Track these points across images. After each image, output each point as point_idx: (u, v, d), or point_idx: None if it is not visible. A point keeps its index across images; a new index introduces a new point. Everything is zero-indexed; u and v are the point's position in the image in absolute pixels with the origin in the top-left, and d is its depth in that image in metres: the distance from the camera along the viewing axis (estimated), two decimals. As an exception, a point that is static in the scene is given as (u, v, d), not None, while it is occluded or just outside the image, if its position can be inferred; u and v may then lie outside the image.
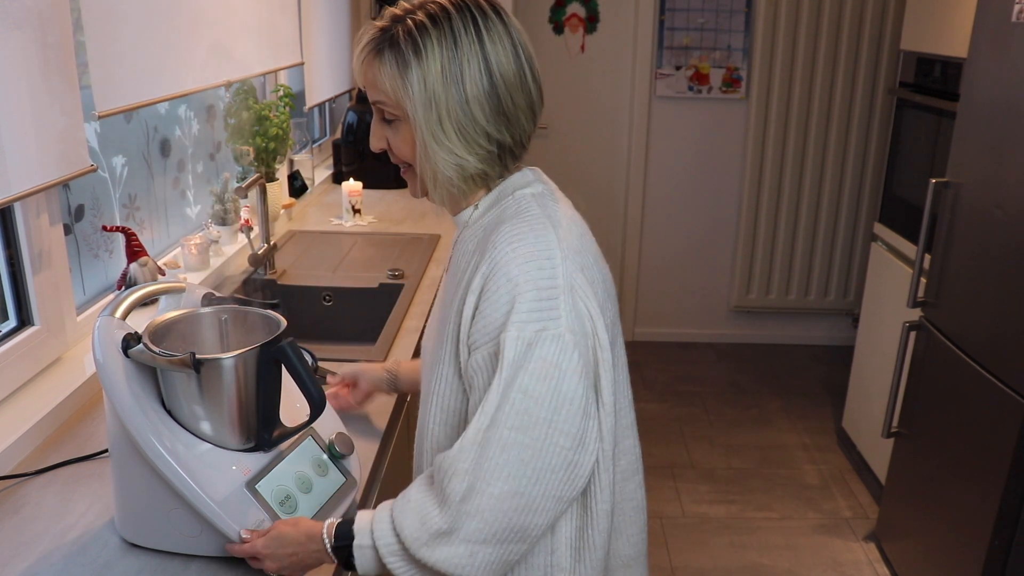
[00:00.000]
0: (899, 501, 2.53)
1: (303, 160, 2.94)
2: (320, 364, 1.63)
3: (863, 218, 3.96)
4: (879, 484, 2.83)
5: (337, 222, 2.70)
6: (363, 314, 2.10)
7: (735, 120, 3.89)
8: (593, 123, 4.01)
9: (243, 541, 1.02)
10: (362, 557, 0.97)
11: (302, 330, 2.11)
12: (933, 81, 2.73)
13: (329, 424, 1.21)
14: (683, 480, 3.05)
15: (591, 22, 3.89)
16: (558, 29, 3.90)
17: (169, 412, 1.05)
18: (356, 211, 2.68)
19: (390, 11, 1.02)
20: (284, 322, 1.11)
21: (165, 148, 2.00)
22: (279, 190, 2.53)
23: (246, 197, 2.07)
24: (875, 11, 3.66)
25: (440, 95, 0.97)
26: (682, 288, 4.15)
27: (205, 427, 1.06)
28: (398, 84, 0.98)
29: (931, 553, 2.30)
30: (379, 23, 1.01)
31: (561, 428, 0.91)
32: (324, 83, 2.90)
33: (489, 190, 1.06)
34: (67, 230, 1.58)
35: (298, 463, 1.12)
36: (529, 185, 1.05)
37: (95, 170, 1.46)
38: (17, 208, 1.40)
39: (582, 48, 3.91)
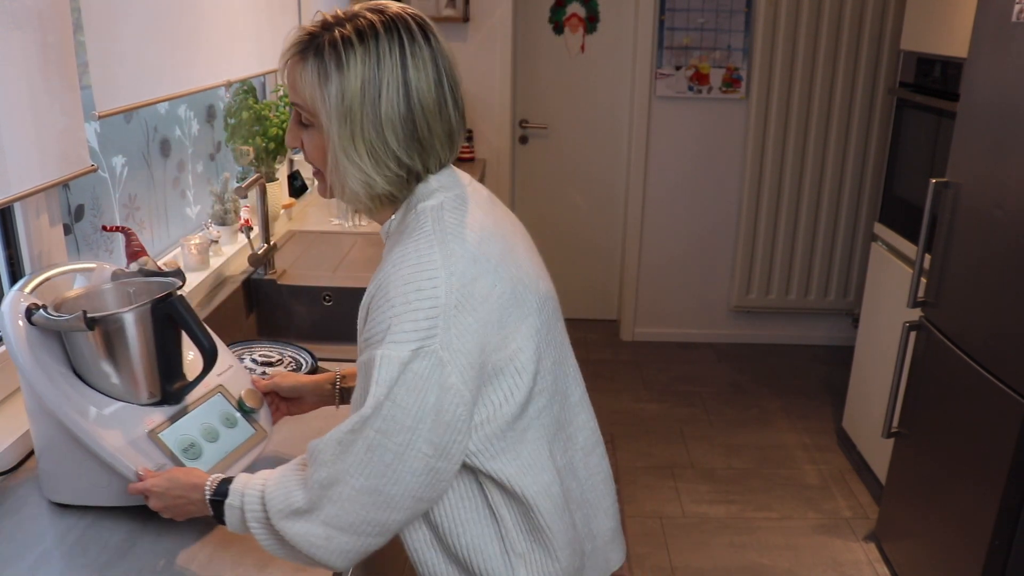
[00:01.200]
0: (899, 501, 2.53)
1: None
2: (320, 364, 1.63)
3: (863, 218, 3.96)
4: (879, 484, 2.83)
5: (337, 222, 2.70)
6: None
7: (735, 120, 3.89)
8: (593, 123, 4.01)
9: (139, 479, 1.10)
10: (231, 516, 1.02)
11: (302, 330, 2.12)
12: (933, 81, 2.73)
13: (239, 381, 1.31)
14: (683, 480, 3.05)
15: (591, 22, 3.89)
16: (558, 29, 3.90)
17: (80, 375, 1.16)
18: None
19: (322, 16, 1.01)
20: (179, 283, 1.22)
21: (165, 148, 2.00)
22: (279, 190, 2.53)
23: (246, 197, 2.07)
24: (875, 11, 3.66)
25: (356, 112, 0.96)
26: (682, 288, 4.15)
27: (112, 385, 1.16)
28: (316, 93, 0.97)
29: (931, 553, 2.30)
30: (309, 27, 1.00)
31: (425, 437, 0.94)
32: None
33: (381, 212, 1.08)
34: (67, 230, 1.57)
35: (206, 416, 1.22)
36: (431, 196, 1.04)
37: (95, 170, 1.46)
38: (17, 208, 1.40)
39: (582, 48, 3.91)
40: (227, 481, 1.05)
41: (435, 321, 0.94)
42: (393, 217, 1.07)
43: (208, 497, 1.04)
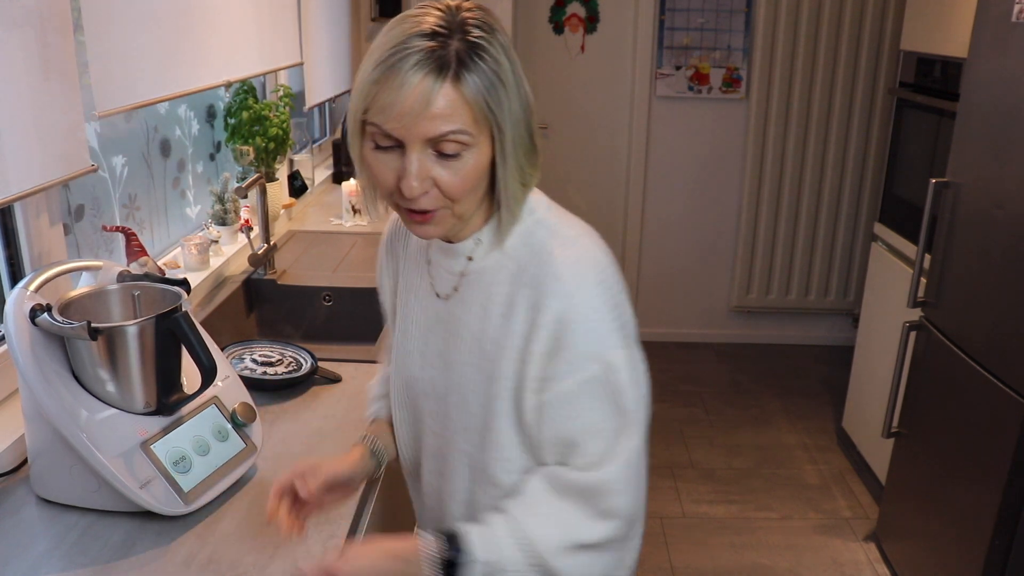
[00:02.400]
0: (899, 501, 2.53)
1: (303, 160, 2.94)
2: (320, 364, 1.63)
3: (863, 218, 3.96)
4: (879, 484, 2.82)
5: (337, 222, 2.70)
6: (363, 314, 2.10)
7: (735, 120, 3.89)
8: (593, 123, 4.01)
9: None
10: (471, 573, 0.92)
11: (302, 330, 2.12)
12: (933, 81, 2.73)
13: (234, 393, 1.31)
14: (683, 480, 3.05)
15: (591, 22, 3.88)
16: (558, 29, 3.90)
17: (78, 379, 1.15)
18: (356, 211, 2.68)
19: (408, 31, 0.88)
20: (184, 295, 1.22)
21: (165, 148, 2.00)
22: (279, 190, 2.53)
23: (246, 197, 2.07)
24: (875, 11, 3.66)
25: (518, 109, 0.93)
26: (682, 288, 4.15)
27: (109, 392, 1.16)
28: (484, 106, 0.89)
29: (931, 553, 2.30)
30: (424, 44, 0.87)
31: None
32: (324, 83, 2.90)
33: (483, 216, 1.00)
34: (67, 230, 1.57)
35: (198, 428, 1.23)
36: (539, 203, 1.02)
37: (95, 170, 1.46)
38: (17, 208, 1.40)
39: (582, 48, 3.91)
40: (451, 540, 0.93)
41: (623, 308, 0.98)
42: (480, 234, 1.01)
43: (441, 559, 0.92)
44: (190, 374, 1.24)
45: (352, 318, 2.11)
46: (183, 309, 1.19)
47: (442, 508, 1.11)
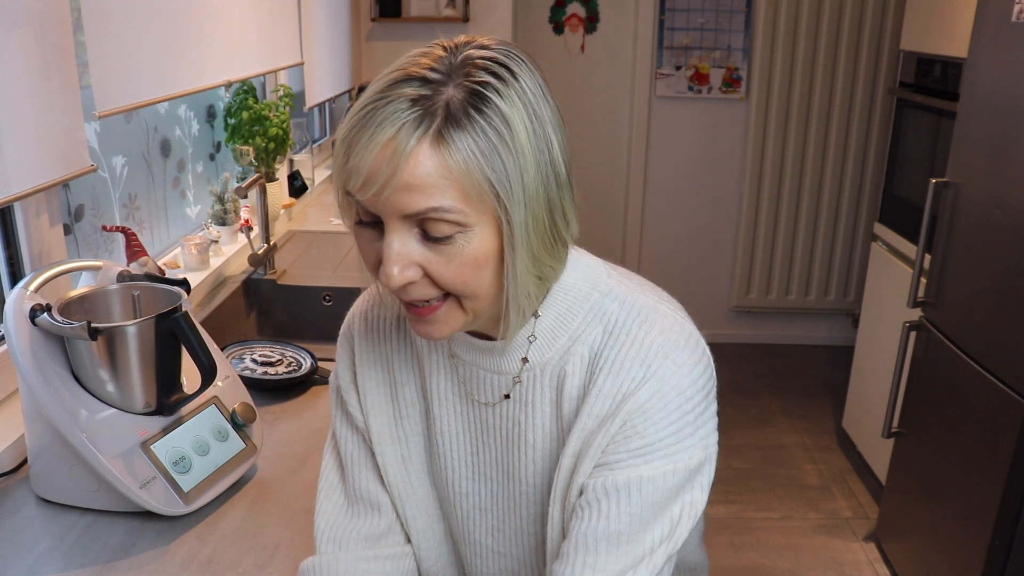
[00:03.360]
0: (899, 501, 2.53)
1: (303, 160, 2.94)
2: (320, 364, 1.63)
3: (863, 218, 3.96)
4: (879, 484, 2.82)
5: (337, 222, 2.70)
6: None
7: (735, 120, 3.89)
8: (593, 123, 4.01)
9: None
10: None
11: (302, 330, 2.12)
12: (933, 81, 2.73)
13: (234, 393, 1.31)
14: (683, 480, 3.04)
15: (591, 22, 3.88)
16: (558, 29, 3.90)
17: (78, 379, 1.15)
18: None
19: (396, 74, 0.69)
20: (184, 295, 1.22)
21: (165, 148, 2.00)
22: (279, 190, 2.53)
23: (246, 197, 2.07)
24: (875, 11, 3.66)
25: (532, 182, 0.69)
26: (682, 288, 4.11)
27: (109, 392, 1.15)
28: (477, 178, 0.68)
29: (931, 553, 2.30)
30: (407, 91, 0.68)
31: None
32: (324, 83, 2.90)
33: (536, 297, 0.79)
34: (67, 230, 1.57)
35: (198, 428, 1.23)
36: (598, 270, 0.84)
37: (95, 170, 1.46)
38: (17, 208, 1.40)
39: (582, 48, 3.91)
40: None
41: (710, 389, 0.81)
42: (539, 316, 0.81)
43: None
44: (190, 374, 1.24)
45: (352, 318, 2.10)
46: (183, 309, 1.18)
47: None
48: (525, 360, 0.83)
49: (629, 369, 0.78)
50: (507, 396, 0.85)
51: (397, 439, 0.93)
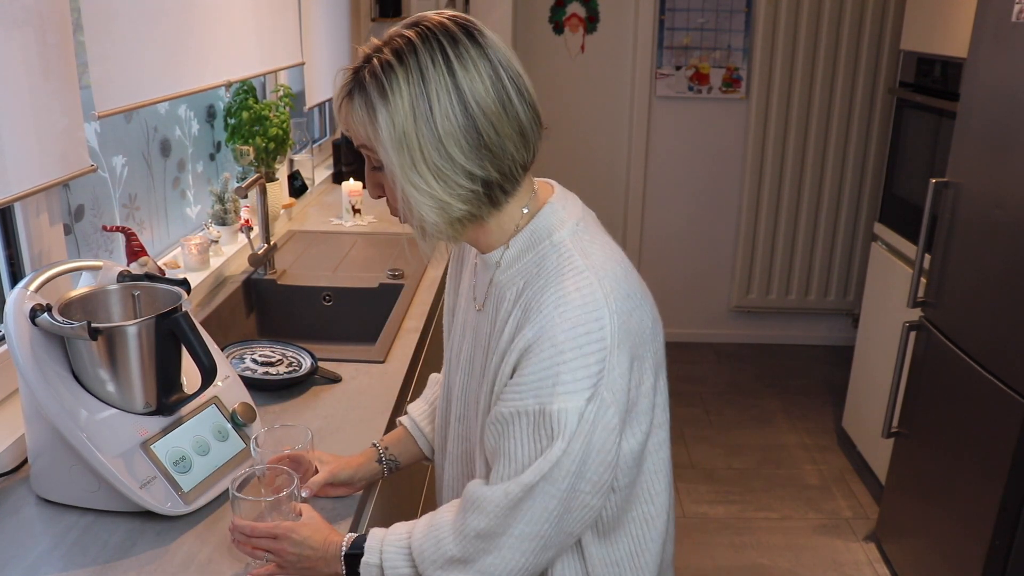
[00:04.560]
0: (899, 501, 2.53)
1: (303, 160, 2.94)
2: (320, 364, 1.63)
3: (863, 218, 3.96)
4: (879, 484, 2.82)
5: (337, 222, 2.70)
6: (363, 314, 2.10)
7: (735, 120, 3.89)
8: (593, 123, 4.01)
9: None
10: (367, 574, 1.01)
11: (302, 330, 2.12)
12: (933, 81, 2.73)
13: (234, 393, 1.31)
14: (683, 480, 3.04)
15: (591, 22, 3.88)
16: (558, 29, 3.90)
17: (78, 379, 1.16)
18: (356, 211, 2.68)
19: (362, 50, 0.96)
20: (184, 295, 1.22)
21: (165, 148, 2.00)
22: (279, 190, 2.53)
23: (246, 197, 2.07)
24: (875, 11, 3.66)
25: (411, 136, 0.90)
26: (682, 288, 4.15)
27: (109, 392, 1.16)
28: (369, 129, 0.92)
29: (931, 553, 2.30)
30: (353, 64, 0.96)
31: (587, 477, 0.93)
32: (324, 83, 2.90)
33: (512, 229, 1.00)
34: (67, 230, 1.57)
35: (199, 428, 1.23)
36: (564, 225, 0.99)
37: (95, 170, 1.45)
38: (17, 208, 1.40)
39: (582, 48, 3.91)
40: (361, 538, 1.03)
41: (603, 364, 0.91)
42: (509, 247, 1.00)
43: (344, 553, 1.02)
44: (190, 374, 1.24)
45: (352, 318, 2.11)
46: (183, 309, 1.19)
47: None
48: (490, 280, 1.04)
49: (529, 311, 0.95)
50: (483, 307, 1.07)
51: (449, 332, 1.20)
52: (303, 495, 1.14)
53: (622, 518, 1.03)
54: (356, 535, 1.04)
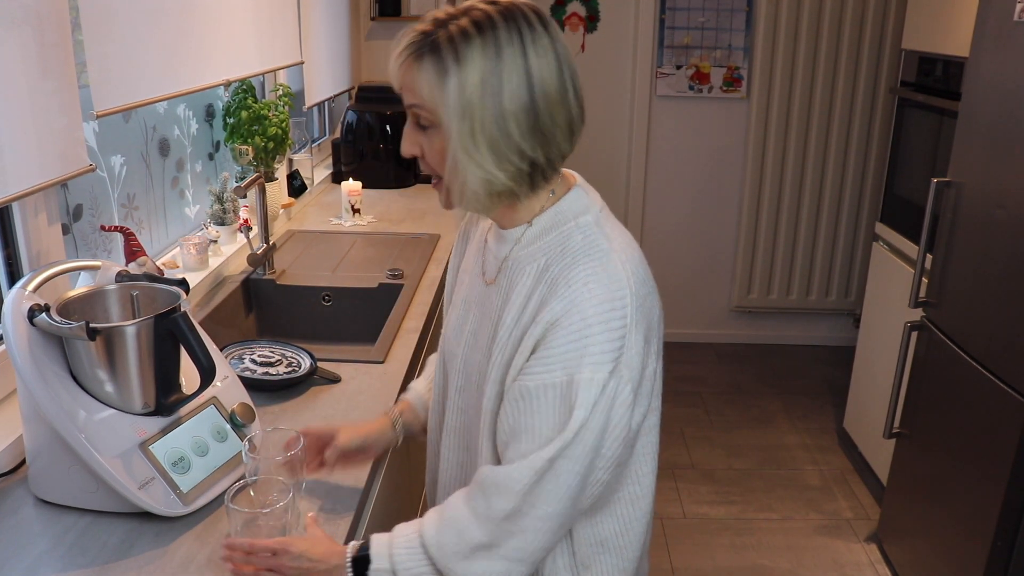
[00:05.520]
0: (901, 502, 2.53)
1: (302, 160, 2.93)
2: (319, 364, 1.62)
3: (864, 218, 3.95)
4: (880, 485, 2.82)
5: (336, 222, 2.70)
6: (363, 314, 2.09)
7: (736, 119, 3.89)
8: (593, 122, 4.00)
9: (228, 550, 1.03)
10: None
11: (301, 330, 2.11)
12: (935, 80, 2.72)
13: (233, 394, 1.31)
14: (684, 481, 3.04)
15: (591, 21, 3.88)
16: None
17: (77, 379, 1.15)
18: (355, 211, 2.68)
19: (432, 15, 0.99)
20: (183, 295, 1.22)
21: (164, 147, 2.00)
22: (278, 190, 2.52)
23: (245, 197, 2.07)
24: (876, 10, 3.66)
25: (476, 106, 0.93)
26: (683, 288, 4.14)
27: (107, 392, 1.15)
28: (435, 91, 0.94)
29: (933, 554, 2.29)
30: (420, 26, 0.98)
31: (603, 453, 0.96)
32: (323, 82, 2.89)
33: (537, 209, 1.03)
34: (65, 230, 1.57)
35: (197, 428, 1.23)
36: (588, 211, 1.04)
37: (93, 169, 1.45)
38: (15, 208, 1.40)
39: (582, 47, 3.90)
40: (365, 545, 1.03)
41: (623, 340, 0.94)
42: (532, 224, 1.04)
43: (351, 558, 1.02)
44: (189, 374, 1.24)
45: (352, 318, 2.10)
46: (182, 309, 1.18)
47: (462, 482, 1.14)
48: (507, 256, 1.06)
49: (556, 286, 0.97)
50: (494, 281, 1.09)
51: (448, 304, 1.22)
52: (302, 483, 1.15)
53: (610, 497, 1.05)
54: (359, 543, 1.04)
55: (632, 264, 0.99)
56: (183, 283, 1.26)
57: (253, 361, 1.61)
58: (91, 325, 1.09)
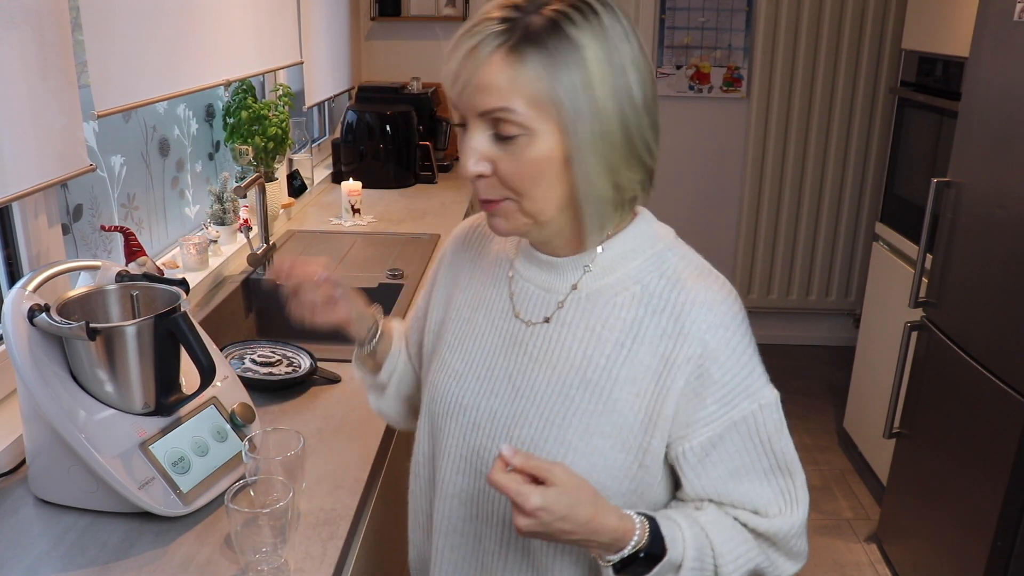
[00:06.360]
0: (901, 502, 2.53)
1: (302, 159, 2.93)
2: (319, 364, 1.62)
3: (864, 218, 3.95)
4: (881, 485, 2.82)
5: (336, 222, 2.70)
6: (363, 314, 2.09)
7: (736, 119, 3.88)
8: (593, 123, 4.00)
9: (506, 462, 0.78)
10: (661, 570, 0.84)
11: (301, 331, 2.11)
12: (935, 80, 2.72)
13: (233, 394, 1.31)
14: (684, 480, 3.04)
15: (591, 21, 3.88)
16: (558, 28, 3.89)
17: (77, 379, 1.15)
18: (355, 211, 2.68)
19: (498, 3, 0.83)
20: (183, 295, 1.21)
21: (164, 147, 2.00)
22: (278, 190, 2.52)
23: (245, 197, 2.07)
24: (876, 10, 3.65)
25: (607, 100, 0.80)
26: (683, 288, 4.14)
27: (107, 392, 1.15)
28: (543, 90, 0.79)
29: (933, 554, 2.29)
30: (497, 13, 0.81)
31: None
32: (323, 82, 2.89)
33: (604, 234, 0.92)
34: (65, 230, 1.57)
35: (197, 428, 1.22)
36: (668, 232, 0.98)
37: (93, 169, 1.45)
38: (15, 208, 1.40)
39: (582, 47, 3.91)
40: (655, 528, 0.84)
41: (756, 346, 0.92)
42: (603, 250, 0.91)
43: (633, 552, 0.82)
44: (189, 374, 1.24)
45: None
46: (182, 309, 1.18)
47: (464, 553, 0.98)
48: (575, 287, 0.91)
49: (689, 313, 0.86)
50: (547, 320, 0.93)
51: (442, 346, 1.01)
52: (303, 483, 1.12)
53: None
54: (648, 525, 0.84)
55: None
56: (183, 283, 1.26)
57: (253, 361, 1.61)
58: (91, 325, 1.09)
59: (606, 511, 0.81)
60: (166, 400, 1.19)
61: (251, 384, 1.47)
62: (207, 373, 1.18)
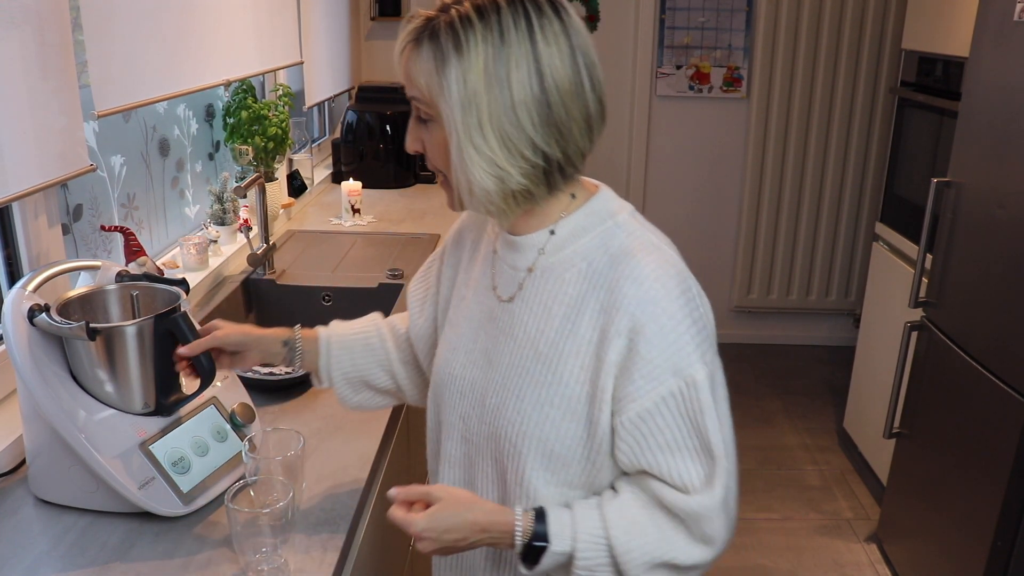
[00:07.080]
0: (901, 502, 2.53)
1: (302, 159, 2.93)
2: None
3: (864, 218, 3.95)
4: (880, 485, 2.82)
5: (336, 222, 2.70)
6: (363, 314, 2.08)
7: (736, 119, 3.89)
8: (593, 123, 4.00)
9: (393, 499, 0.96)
10: (549, 561, 0.93)
11: (302, 330, 2.11)
12: (935, 80, 2.72)
13: (233, 394, 1.31)
14: (684, 480, 3.04)
15: (591, 21, 3.87)
16: (558, 28, 3.89)
17: (77, 379, 1.15)
18: (355, 211, 2.68)
19: (439, 0, 0.92)
20: (183, 295, 1.21)
21: (164, 147, 2.00)
22: (278, 190, 2.52)
23: (245, 197, 2.07)
24: (876, 10, 3.66)
25: (481, 96, 0.87)
26: (683, 288, 4.14)
27: (107, 392, 1.15)
28: (433, 81, 0.88)
29: (933, 554, 2.29)
30: (425, 12, 0.91)
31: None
32: (324, 82, 2.89)
33: (556, 214, 0.97)
34: (65, 230, 1.57)
35: (197, 428, 1.22)
36: (624, 208, 0.99)
37: (94, 170, 1.45)
38: (15, 208, 1.40)
39: (582, 47, 3.90)
40: (541, 519, 0.93)
41: (708, 330, 0.93)
42: (555, 232, 0.97)
43: (523, 542, 0.93)
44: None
45: (352, 318, 2.10)
46: (182, 309, 1.18)
47: None
48: (531, 265, 0.99)
49: (620, 289, 0.91)
50: (511, 297, 1.01)
51: (445, 323, 1.12)
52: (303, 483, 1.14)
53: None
54: (531, 511, 0.95)
55: (676, 251, 0.98)
56: (183, 283, 1.26)
57: (253, 361, 1.60)
58: (91, 325, 1.09)
59: (486, 509, 0.95)
60: (166, 400, 1.19)
61: (251, 384, 1.47)
62: (207, 374, 1.18)
